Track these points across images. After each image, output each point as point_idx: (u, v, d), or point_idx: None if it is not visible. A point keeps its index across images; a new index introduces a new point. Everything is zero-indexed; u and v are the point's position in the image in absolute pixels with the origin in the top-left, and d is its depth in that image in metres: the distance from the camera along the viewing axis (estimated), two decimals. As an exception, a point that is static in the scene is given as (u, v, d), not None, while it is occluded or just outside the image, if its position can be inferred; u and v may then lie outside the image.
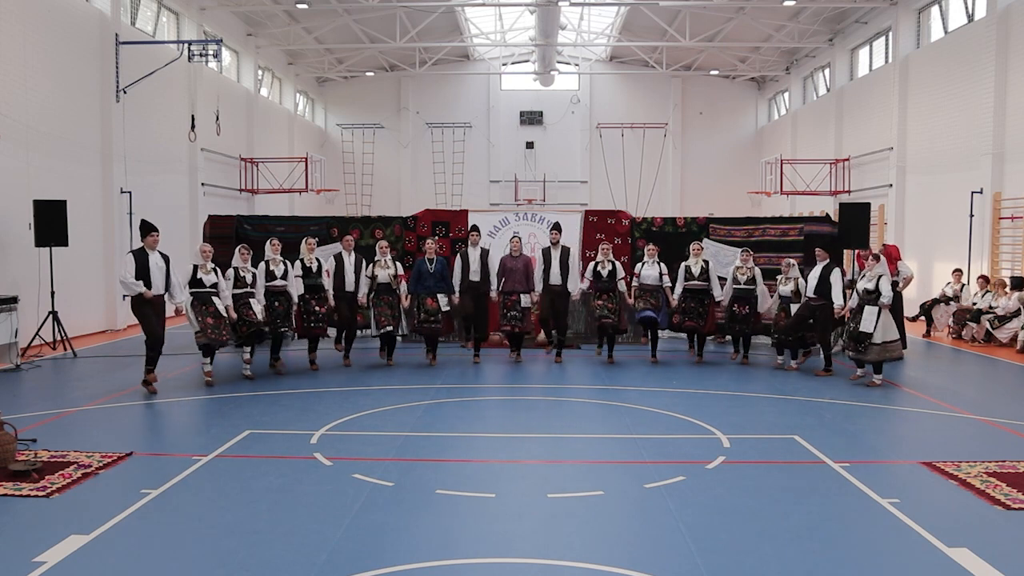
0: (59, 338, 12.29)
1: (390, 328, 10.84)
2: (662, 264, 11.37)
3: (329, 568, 4.40)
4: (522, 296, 11.22)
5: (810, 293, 10.43)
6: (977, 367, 11.74)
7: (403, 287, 11.09)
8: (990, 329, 13.38)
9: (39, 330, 12.20)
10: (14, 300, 10.89)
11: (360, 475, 6.04)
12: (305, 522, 5.10)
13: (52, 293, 12.32)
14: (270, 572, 4.36)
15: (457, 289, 11.14)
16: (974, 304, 13.95)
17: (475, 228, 11.69)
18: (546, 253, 11.35)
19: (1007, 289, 13.54)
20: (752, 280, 11.20)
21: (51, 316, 12.28)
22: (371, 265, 10.99)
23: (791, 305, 10.75)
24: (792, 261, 11.20)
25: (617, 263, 11.48)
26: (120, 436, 7.22)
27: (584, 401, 8.95)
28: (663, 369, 11.02)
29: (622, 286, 11.35)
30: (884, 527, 5.05)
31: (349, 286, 10.82)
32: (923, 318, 14.82)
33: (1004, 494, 5.59)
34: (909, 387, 9.88)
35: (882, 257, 10.12)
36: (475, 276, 11.15)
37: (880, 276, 9.72)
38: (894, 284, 11.97)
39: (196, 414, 8.28)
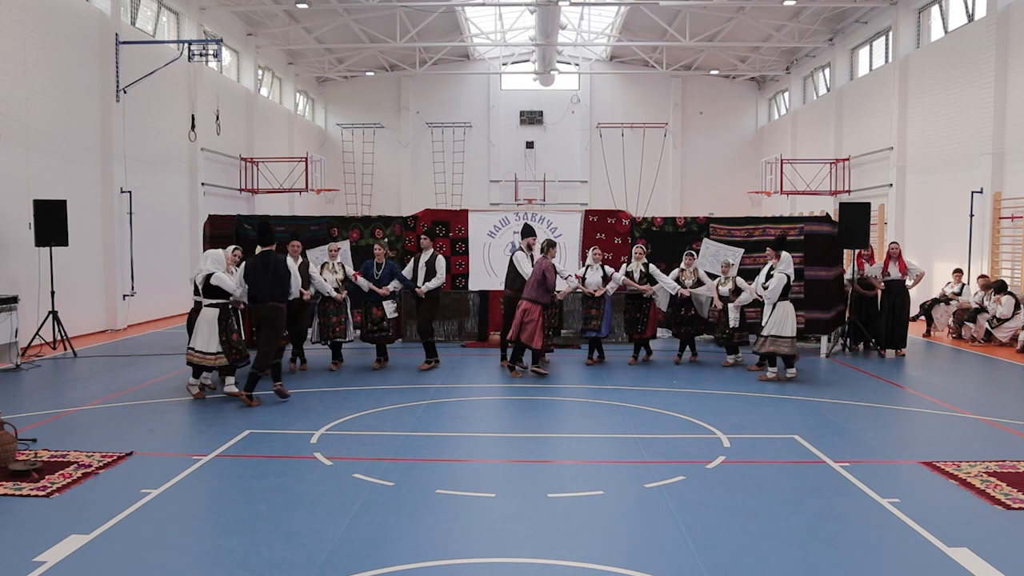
0: (59, 338, 12.29)
1: (340, 340, 10.85)
2: (606, 268, 11.32)
3: (329, 568, 4.40)
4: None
5: (758, 291, 10.51)
6: (977, 367, 11.74)
7: (360, 282, 10.72)
8: (989, 329, 13.39)
9: (39, 330, 12.20)
10: (14, 300, 10.89)
11: (360, 475, 6.04)
12: (305, 522, 5.10)
13: (52, 293, 12.32)
14: (270, 572, 4.36)
15: (389, 290, 10.72)
16: (976, 304, 13.95)
17: (428, 233, 11.46)
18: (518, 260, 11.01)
19: (994, 294, 13.55)
20: (698, 283, 11.35)
21: (51, 316, 12.28)
22: (320, 268, 10.80)
23: (728, 304, 11.06)
24: (731, 262, 11.62)
25: (606, 267, 11.39)
26: (120, 436, 7.21)
27: (584, 401, 8.95)
28: (663, 369, 11.02)
29: (617, 280, 11.14)
30: (884, 527, 5.05)
31: (293, 293, 10.09)
32: (923, 318, 14.83)
33: (1004, 494, 5.59)
34: (909, 387, 9.89)
35: (784, 254, 10.22)
36: (421, 281, 10.80)
37: (776, 274, 9.97)
38: (901, 283, 12.11)
39: (196, 414, 8.27)
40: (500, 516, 5.25)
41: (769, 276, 10.41)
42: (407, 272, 10.94)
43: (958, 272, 14.92)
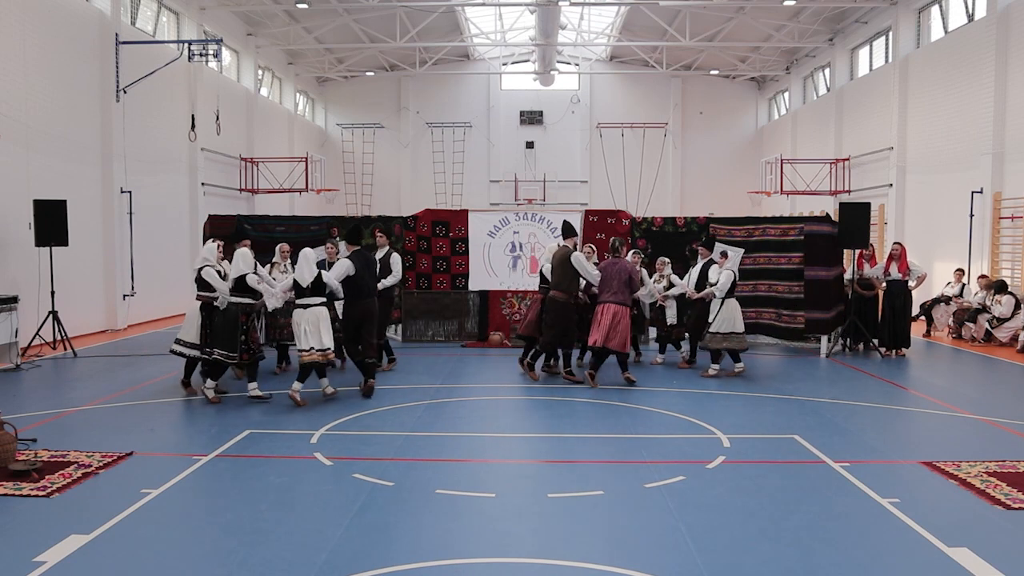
0: (59, 338, 12.28)
1: (287, 343, 10.28)
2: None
3: (329, 568, 4.40)
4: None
5: (691, 288, 10.70)
6: (977, 367, 11.74)
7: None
8: (989, 329, 13.38)
9: (39, 330, 12.19)
10: (14, 300, 10.89)
11: (360, 475, 6.04)
12: (305, 522, 5.10)
13: (52, 293, 12.32)
14: (270, 572, 4.36)
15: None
16: (977, 304, 13.94)
17: (385, 231, 11.17)
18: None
19: (995, 294, 13.54)
20: (640, 283, 11.12)
21: (51, 316, 12.28)
22: (268, 267, 10.06)
23: (665, 302, 11.21)
24: (667, 260, 11.53)
25: None
26: (120, 436, 7.21)
27: (584, 401, 8.95)
28: (663, 369, 11.01)
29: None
30: (884, 527, 5.05)
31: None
32: (923, 318, 14.82)
33: (1004, 494, 5.59)
34: (909, 387, 9.89)
35: (731, 253, 10.51)
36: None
37: (723, 271, 10.20)
38: (904, 283, 12.15)
39: (196, 414, 8.27)
40: (500, 516, 5.25)
41: (703, 274, 10.60)
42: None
43: (959, 272, 14.92)
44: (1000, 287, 13.51)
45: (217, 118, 18.22)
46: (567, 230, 10.20)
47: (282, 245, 10.50)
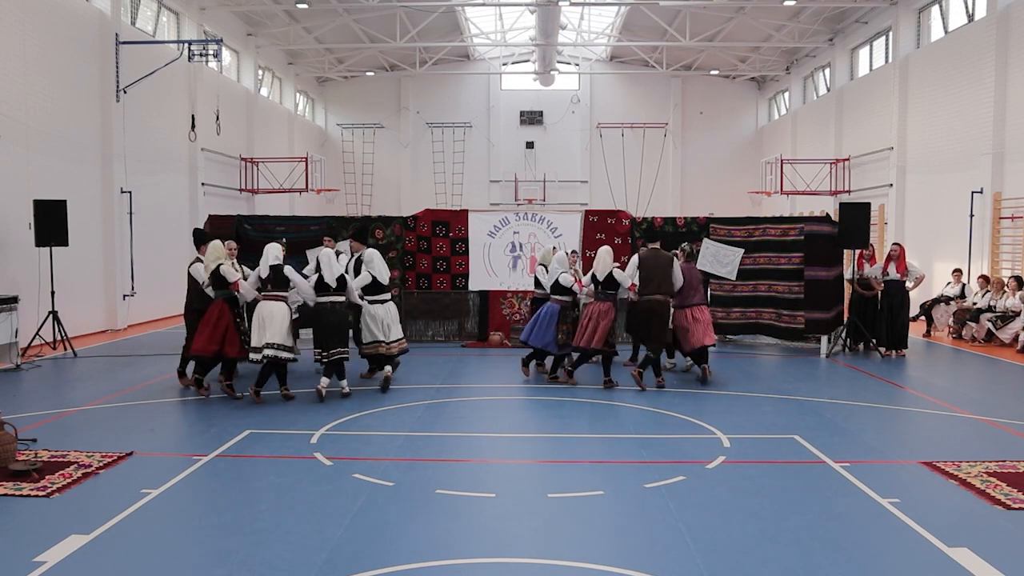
0: (59, 338, 12.28)
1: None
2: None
3: (329, 568, 4.40)
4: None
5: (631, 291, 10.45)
6: (977, 367, 11.74)
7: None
8: (992, 329, 13.36)
9: (39, 330, 12.19)
10: (14, 300, 10.89)
11: (360, 475, 6.04)
12: (305, 522, 5.10)
13: (52, 293, 12.32)
14: (270, 572, 4.36)
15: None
16: (974, 304, 13.94)
17: (328, 234, 10.63)
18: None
19: (1007, 288, 13.52)
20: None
21: (51, 316, 12.28)
22: (219, 268, 8.97)
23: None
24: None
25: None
26: (120, 436, 7.21)
27: (584, 401, 8.95)
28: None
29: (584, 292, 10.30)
30: (884, 527, 5.05)
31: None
32: (923, 318, 14.83)
33: (1004, 494, 5.58)
34: (909, 387, 9.89)
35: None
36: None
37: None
38: (902, 284, 12.14)
39: (196, 414, 8.27)
40: (500, 516, 5.25)
41: None
42: (308, 271, 9.83)
43: (958, 272, 14.92)
44: (1021, 283, 13.44)
45: (217, 118, 18.22)
46: (651, 234, 10.77)
47: (228, 243, 9.73)
